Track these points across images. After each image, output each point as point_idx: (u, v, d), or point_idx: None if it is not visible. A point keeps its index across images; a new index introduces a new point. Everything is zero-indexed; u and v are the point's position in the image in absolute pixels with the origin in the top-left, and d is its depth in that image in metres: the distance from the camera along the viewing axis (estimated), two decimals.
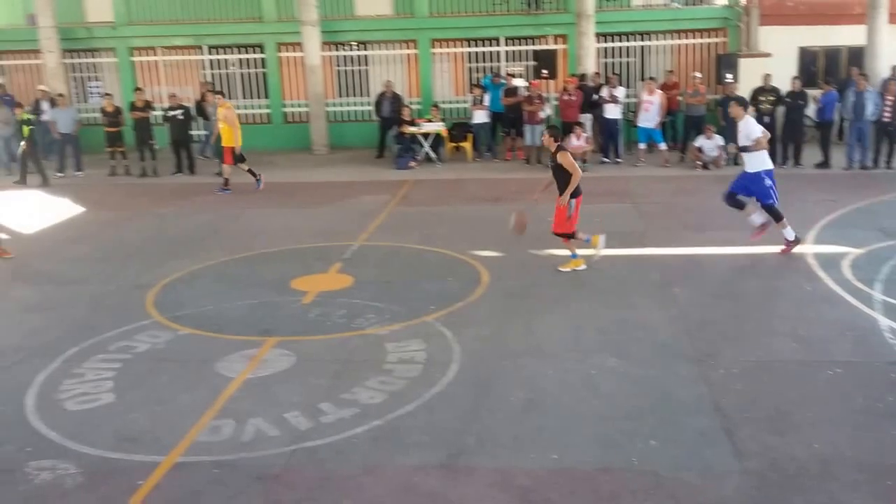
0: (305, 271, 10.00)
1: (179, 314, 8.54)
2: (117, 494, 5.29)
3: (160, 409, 6.49)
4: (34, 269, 10.56)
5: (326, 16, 19.21)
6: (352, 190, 14.98)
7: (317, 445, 5.82)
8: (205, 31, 19.75)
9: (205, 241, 11.58)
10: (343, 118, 19.99)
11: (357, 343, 7.74)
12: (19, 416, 6.40)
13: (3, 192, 15.20)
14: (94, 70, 20.06)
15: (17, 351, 7.71)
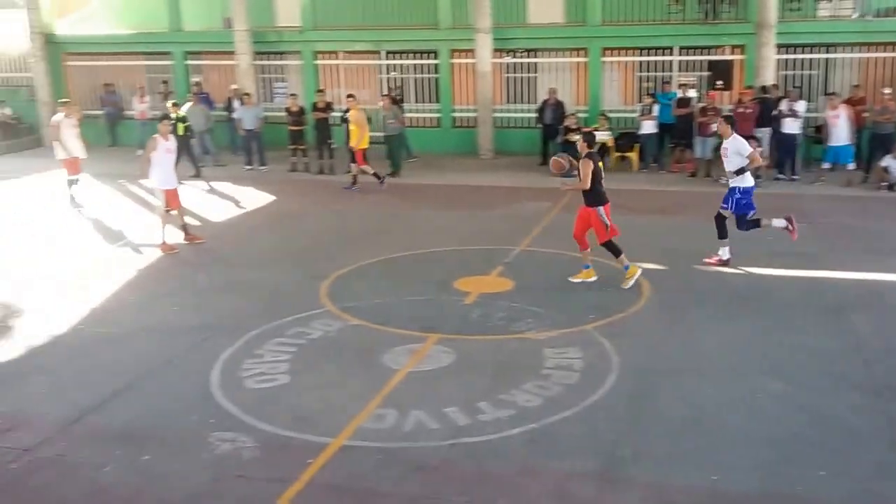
0: (468, 272, 10.26)
1: (350, 305, 9.01)
2: (289, 470, 5.69)
3: (330, 393, 6.91)
4: (222, 255, 11.44)
5: (499, 23, 19.53)
6: (515, 195, 15.16)
7: (474, 442, 6.02)
8: (384, 36, 20.56)
9: (375, 238, 12.11)
10: (509, 124, 20.22)
11: (515, 346, 7.90)
12: (205, 390, 7.01)
13: (196, 183, 16.49)
14: (280, 71, 21.35)
15: (206, 329, 8.41)
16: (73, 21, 24.03)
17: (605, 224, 9.49)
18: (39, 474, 5.75)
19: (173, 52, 21.39)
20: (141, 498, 5.45)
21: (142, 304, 9.37)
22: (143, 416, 6.57)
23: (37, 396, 6.96)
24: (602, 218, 9.48)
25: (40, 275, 10.54)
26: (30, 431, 6.33)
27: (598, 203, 9.51)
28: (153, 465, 5.82)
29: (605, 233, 9.52)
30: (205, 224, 13.26)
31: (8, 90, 22.60)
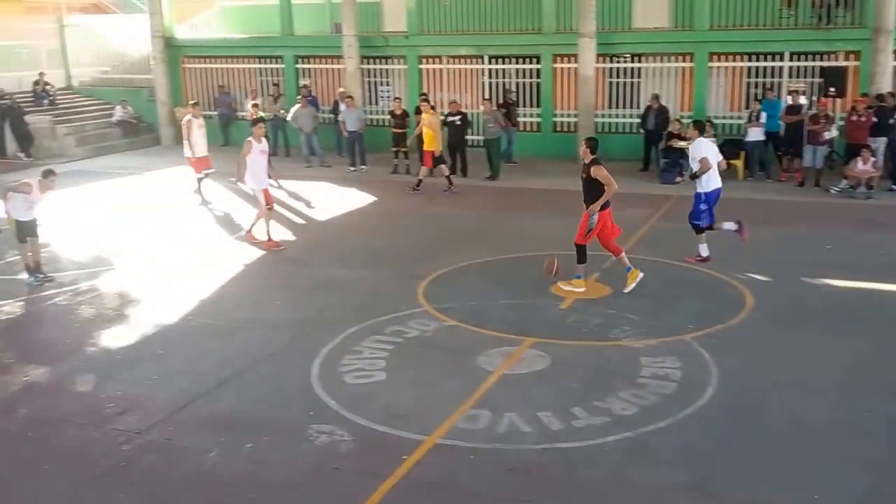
0: (565, 277, 10.18)
1: (446, 306, 9.11)
2: (384, 465, 5.81)
3: (425, 392, 7.01)
4: (324, 253, 11.75)
5: (604, 28, 19.32)
6: (614, 201, 14.86)
7: (567, 448, 6.00)
8: (487, 41, 20.67)
9: (473, 240, 12.18)
10: (610, 129, 19.96)
11: (611, 353, 7.82)
12: (306, 383, 7.23)
13: (302, 182, 16.98)
14: (385, 75, 21.75)
15: (308, 324, 8.66)
16: (191, 25, 25.16)
17: (589, 228, 9.46)
18: (148, 457, 6.06)
19: (284, 56, 22.08)
20: (243, 484, 5.67)
21: (247, 298, 9.73)
22: (247, 406, 6.83)
23: (148, 382, 7.34)
24: (591, 221, 9.43)
25: (155, 266, 11.08)
26: (141, 415, 6.68)
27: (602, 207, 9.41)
28: (255, 453, 6.05)
29: (584, 235, 9.51)
30: (308, 223, 13.65)
31: (130, 90, 23.82)
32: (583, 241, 9.58)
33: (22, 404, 6.95)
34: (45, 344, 8.37)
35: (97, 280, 10.44)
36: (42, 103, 22.15)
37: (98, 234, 12.85)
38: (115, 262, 11.30)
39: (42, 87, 22.46)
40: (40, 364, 7.78)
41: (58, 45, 24.57)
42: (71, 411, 6.82)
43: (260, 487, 5.62)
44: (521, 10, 20.95)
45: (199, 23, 25.63)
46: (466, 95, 19.80)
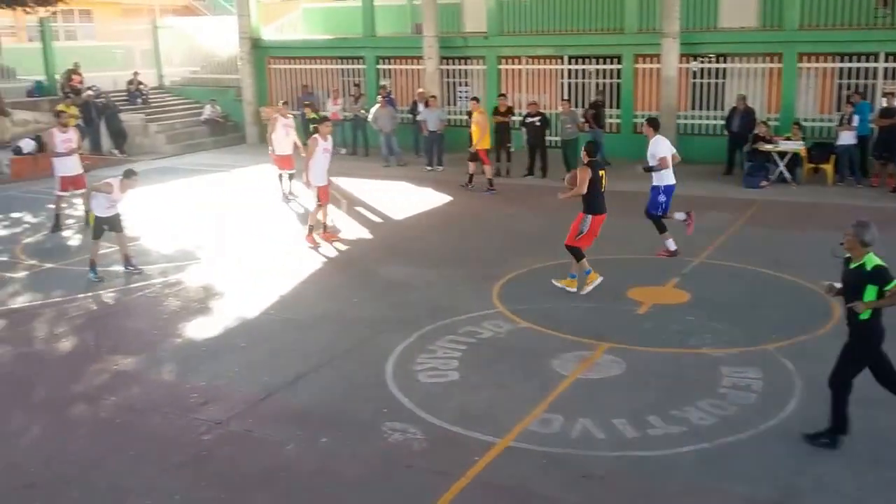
0: (642, 282, 10.05)
1: (521, 308, 9.08)
2: (455, 465, 5.84)
3: (498, 393, 7.01)
4: (400, 252, 11.86)
5: (688, 28, 18.93)
6: (695, 205, 14.57)
7: (642, 456, 5.91)
8: (567, 42, 20.51)
9: (548, 242, 12.08)
10: (692, 131, 19.55)
11: (690, 361, 7.66)
12: (380, 380, 7.32)
13: (380, 181, 17.19)
14: (463, 76, 21.81)
15: (383, 322, 8.77)
16: (277, 27, 25.75)
17: (581, 231, 9.57)
18: (228, 447, 6.24)
19: (366, 57, 22.38)
20: (318, 478, 5.78)
21: (325, 295, 9.91)
22: (323, 401, 6.96)
23: (230, 374, 7.55)
24: (583, 224, 9.56)
25: (238, 261, 11.39)
26: (222, 406, 6.87)
27: (587, 211, 9.55)
28: (330, 448, 6.16)
29: (574, 237, 9.60)
30: (385, 221, 13.80)
31: (218, 90, 24.53)
32: (571, 242, 9.68)
33: (111, 391, 7.24)
34: (134, 334, 8.70)
35: (184, 273, 10.79)
36: (135, 102, 23.03)
37: (185, 229, 13.27)
38: (200, 255, 11.67)
39: (136, 87, 23.34)
40: (129, 353, 8.09)
41: (151, 45, 25.50)
42: (156, 400, 7.07)
43: (333, 482, 5.71)
44: (602, 10, 20.74)
45: (285, 24, 26.22)
46: (545, 96, 19.67)
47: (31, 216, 14.48)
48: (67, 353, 8.26)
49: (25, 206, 15.16)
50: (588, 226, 9.62)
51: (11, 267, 11.23)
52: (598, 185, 9.55)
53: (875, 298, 5.73)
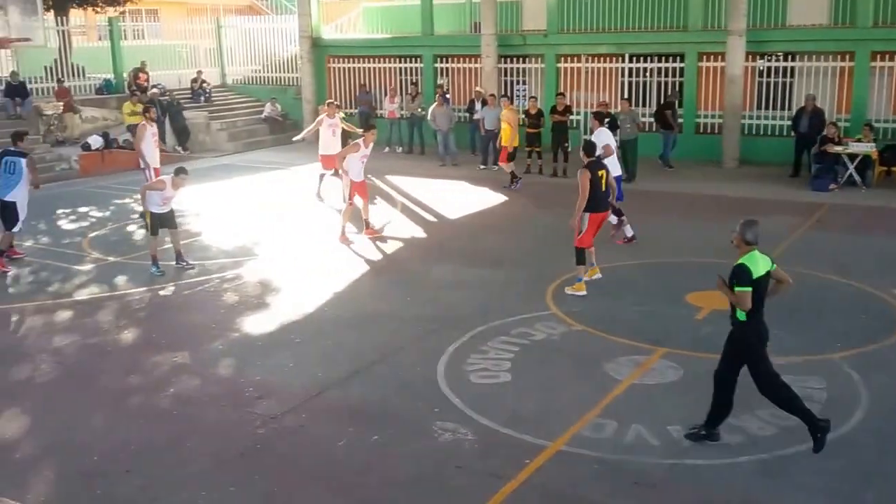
0: (701, 286, 9.81)
1: (575, 310, 8.99)
2: (506, 467, 5.80)
3: (550, 396, 6.95)
4: (453, 251, 11.85)
5: (755, 25, 18.50)
6: (759, 208, 14.28)
7: (698, 465, 5.79)
8: (629, 39, 20.24)
9: (604, 243, 11.90)
10: (758, 132, 19.11)
11: None
12: (432, 379, 7.32)
13: (435, 180, 17.21)
14: (521, 74, 21.69)
15: (435, 321, 8.77)
16: (336, 26, 26.00)
17: (581, 230, 9.55)
18: (282, 441, 6.31)
19: (423, 55, 22.44)
20: (369, 475, 5.81)
21: (379, 293, 9.96)
22: (375, 398, 6.99)
23: (284, 369, 7.64)
24: (583, 223, 9.54)
25: (295, 258, 11.53)
26: (276, 401, 6.96)
27: (586, 209, 9.46)
28: (381, 445, 6.19)
29: (576, 237, 9.62)
30: (440, 220, 13.81)
31: (278, 89, 24.89)
32: (578, 244, 9.62)
33: (170, 383, 7.40)
34: (193, 327, 8.87)
35: (242, 269, 10.97)
36: (199, 100, 23.50)
37: (244, 225, 13.49)
38: (258, 252, 11.85)
39: (199, 85, 23.82)
40: (188, 347, 8.26)
41: (215, 44, 26.00)
42: (213, 393, 7.20)
43: (384, 479, 5.74)
44: (665, 7, 20.42)
45: (344, 23, 26.45)
46: (604, 95, 19.42)
47: (97, 211, 14.90)
48: (129, 344, 8.47)
49: (93, 201, 15.60)
50: (587, 224, 9.58)
51: (78, 260, 11.56)
52: (597, 184, 9.46)
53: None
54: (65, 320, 9.17)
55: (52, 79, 21.83)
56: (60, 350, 8.26)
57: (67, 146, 19.94)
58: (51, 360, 7.98)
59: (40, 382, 7.52)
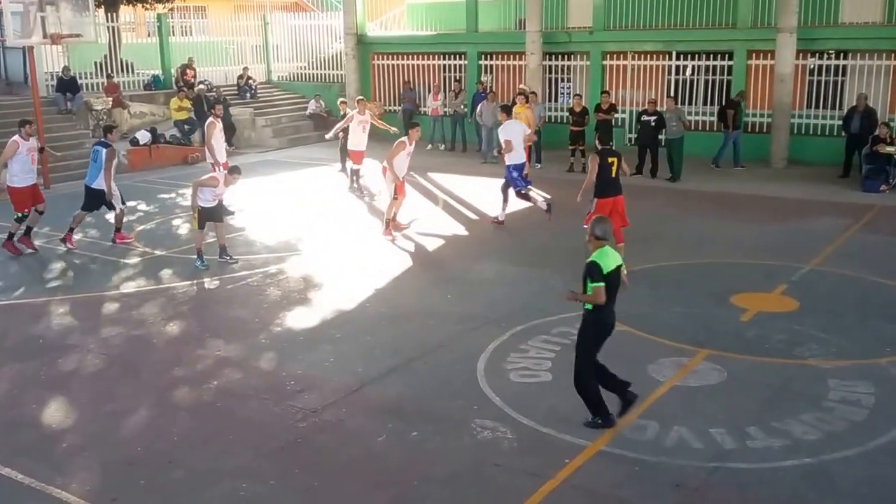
0: (747, 288, 9.70)
1: (616, 310, 8.85)
2: (545, 466, 5.78)
3: None
4: (495, 249, 11.83)
5: (806, 23, 18.14)
6: (807, 209, 14.04)
7: (740, 468, 5.70)
8: (676, 36, 19.98)
9: (649, 244, 11.82)
10: (807, 131, 18.72)
11: (795, 372, 7.34)
12: (472, 376, 7.31)
13: (477, 178, 17.18)
14: (566, 72, 21.55)
15: (477, 319, 8.76)
16: (381, 23, 26.08)
17: (589, 211, 10.15)
18: (322, 435, 6.36)
19: (468, 52, 22.41)
20: (408, 471, 5.82)
21: (420, 290, 9.98)
22: (415, 394, 7.01)
23: (325, 364, 7.70)
24: (591, 205, 10.29)
25: (336, 253, 11.61)
26: (317, 395, 7.02)
27: (595, 194, 10.28)
28: (420, 442, 6.20)
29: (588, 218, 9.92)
30: (481, 218, 13.78)
31: (323, 85, 25.06)
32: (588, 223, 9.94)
33: (213, 376, 7.50)
34: (237, 321, 8.98)
35: (284, 264, 11.08)
36: (245, 96, 23.76)
37: (287, 221, 13.62)
38: (301, 247, 11.95)
39: (245, 81, 24.10)
40: (231, 340, 8.37)
41: (261, 41, 26.27)
42: (255, 386, 7.29)
43: (423, 476, 5.74)
44: (714, 4, 20.10)
45: (389, 20, 26.53)
46: (650, 93, 19.18)
47: (144, 205, 15.16)
48: (173, 337, 8.61)
49: (140, 195, 15.87)
50: (594, 207, 10.21)
51: (125, 253, 11.78)
52: (606, 171, 10.16)
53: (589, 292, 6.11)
54: (111, 312, 9.35)
55: (101, 74, 22.25)
56: (107, 342, 8.43)
57: (116, 141, 20.30)
58: (97, 352, 8.15)
59: (87, 373, 7.68)
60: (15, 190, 11.58)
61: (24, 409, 6.87)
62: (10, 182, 11.63)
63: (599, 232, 6.24)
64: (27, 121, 12.15)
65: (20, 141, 11.59)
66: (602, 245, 6.20)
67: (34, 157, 11.84)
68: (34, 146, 11.93)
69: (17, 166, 11.53)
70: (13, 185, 11.59)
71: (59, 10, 16.16)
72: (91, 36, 17.67)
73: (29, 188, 11.68)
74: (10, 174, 11.61)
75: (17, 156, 11.48)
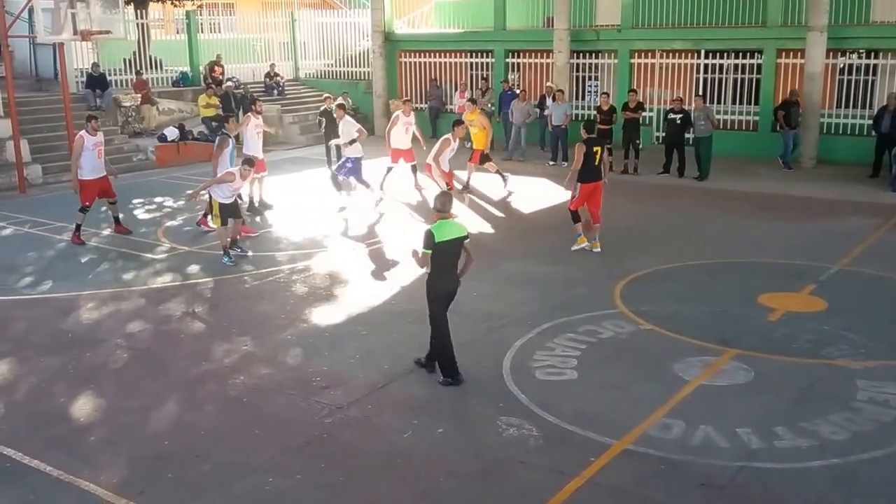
0: (774, 287, 9.61)
1: (643, 309, 8.86)
2: (571, 464, 5.77)
3: (616, 395, 6.87)
4: (520, 247, 11.80)
5: (836, 22, 17.91)
6: (836, 209, 13.88)
7: (767, 468, 5.66)
8: (705, 35, 19.81)
9: (676, 243, 11.76)
10: (837, 131, 18.50)
11: (823, 373, 7.26)
12: (498, 374, 7.31)
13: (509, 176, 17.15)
14: (593, 70, 21.45)
15: (502, 317, 8.76)
16: (408, 20, 26.12)
17: (574, 195, 11.23)
18: (348, 431, 6.39)
19: (495, 50, 22.38)
20: (434, 467, 5.84)
21: None
22: (441, 391, 7.02)
23: (351, 360, 7.73)
24: (575, 190, 11.18)
25: (363, 250, 11.66)
26: (343, 391, 7.06)
27: (579, 179, 11.05)
28: (446, 438, 6.21)
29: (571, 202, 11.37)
30: (507, 216, 13.78)
31: (350, 83, 25.16)
32: (571, 207, 11.35)
33: (240, 371, 7.56)
34: (263, 317, 9.05)
35: (311, 260, 11.14)
36: (272, 93, 23.92)
37: (314, 217, 13.69)
38: (327, 244, 12.01)
39: (272, 78, 24.25)
40: (258, 336, 8.43)
41: (289, 38, 26.42)
42: (281, 381, 7.34)
43: (447, 473, 5.75)
44: (743, 2, 19.93)
45: (416, 18, 26.56)
46: (678, 91, 19.03)
47: (171, 201, 15.31)
48: (200, 332, 8.69)
49: (167, 192, 16.05)
50: (578, 192, 11.16)
51: (152, 249, 11.91)
52: (591, 158, 10.94)
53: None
54: (139, 307, 9.46)
55: (130, 71, 22.50)
56: (134, 336, 8.53)
57: (144, 137, 20.53)
58: (125, 346, 8.25)
59: (115, 368, 7.77)
60: (82, 183, 12.03)
61: (54, 403, 6.97)
62: (80, 175, 12.08)
63: (439, 205, 7.02)
64: (93, 116, 12.58)
65: (86, 136, 11.98)
66: (442, 217, 6.97)
67: (101, 151, 12.22)
68: (101, 140, 12.31)
69: (83, 161, 11.95)
70: (81, 178, 12.03)
71: (90, 6, 16.35)
72: (120, 33, 17.86)
73: (96, 181, 12.10)
74: (78, 168, 12.05)
75: (84, 151, 11.89)
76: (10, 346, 8.27)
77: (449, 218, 7.04)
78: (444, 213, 6.98)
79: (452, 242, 6.92)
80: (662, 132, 18.06)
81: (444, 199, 7.06)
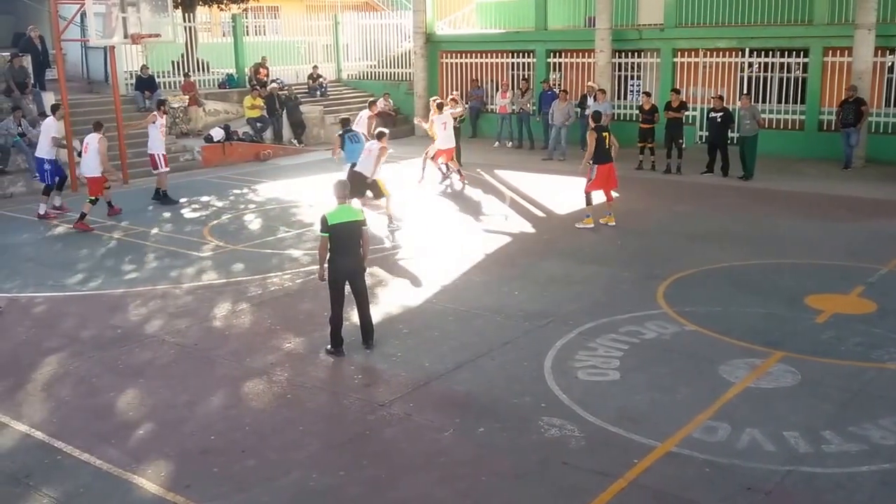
0: (822, 289, 9.45)
1: (687, 310, 8.77)
2: (614, 466, 5.73)
3: (660, 396, 6.81)
4: (562, 247, 11.75)
5: (884, 19, 17.51)
6: (886, 209, 13.58)
7: (815, 473, 5.57)
8: (750, 33, 19.53)
9: (720, 243, 11.61)
10: (886, 130, 18.10)
11: (873, 376, 7.12)
12: (539, 374, 7.30)
13: (544, 175, 17.09)
14: (636, 69, 21.26)
15: (543, 317, 8.73)
16: (450, 21, 26.17)
17: (590, 178, 12.47)
18: (390, 429, 6.43)
19: (536, 50, 22.30)
20: (474, 466, 5.84)
21: (487, 287, 9.98)
22: (482, 390, 7.03)
23: (393, 358, 7.78)
24: (591, 173, 12.43)
25: (403, 251, 11.71)
26: (384, 389, 7.10)
27: (594, 162, 12.30)
28: (487, 438, 6.22)
29: (588, 185, 12.56)
30: (549, 216, 13.72)
31: (391, 84, 25.28)
32: (587, 189, 12.55)
33: (283, 368, 7.65)
34: (306, 314, 9.13)
35: None
36: (315, 94, 24.14)
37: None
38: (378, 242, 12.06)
39: (315, 80, 24.47)
40: (301, 333, 8.52)
41: (332, 40, 26.64)
42: (324, 379, 7.41)
43: (489, 472, 5.76)
44: (789, 1, 19.59)
45: (457, 19, 26.59)
46: (722, 91, 18.76)
47: (217, 200, 15.53)
48: (245, 329, 8.81)
49: (213, 191, 16.28)
50: (595, 174, 12.34)
51: (199, 247, 12.10)
52: (602, 143, 12.24)
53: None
54: (186, 304, 9.62)
55: (178, 73, 22.87)
56: (181, 333, 8.67)
57: (191, 138, 20.84)
58: (172, 342, 8.39)
59: (162, 363, 7.91)
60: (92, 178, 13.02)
61: (103, 397, 7.12)
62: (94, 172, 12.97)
63: (335, 192, 7.77)
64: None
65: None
66: (339, 203, 7.69)
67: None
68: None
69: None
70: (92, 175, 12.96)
71: (140, 11, 16.69)
72: (169, 36, 18.20)
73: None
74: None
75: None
76: (62, 341, 8.48)
77: (345, 204, 7.77)
78: (340, 199, 7.72)
79: (347, 225, 7.59)
80: (706, 131, 17.84)
81: (338, 185, 7.82)
